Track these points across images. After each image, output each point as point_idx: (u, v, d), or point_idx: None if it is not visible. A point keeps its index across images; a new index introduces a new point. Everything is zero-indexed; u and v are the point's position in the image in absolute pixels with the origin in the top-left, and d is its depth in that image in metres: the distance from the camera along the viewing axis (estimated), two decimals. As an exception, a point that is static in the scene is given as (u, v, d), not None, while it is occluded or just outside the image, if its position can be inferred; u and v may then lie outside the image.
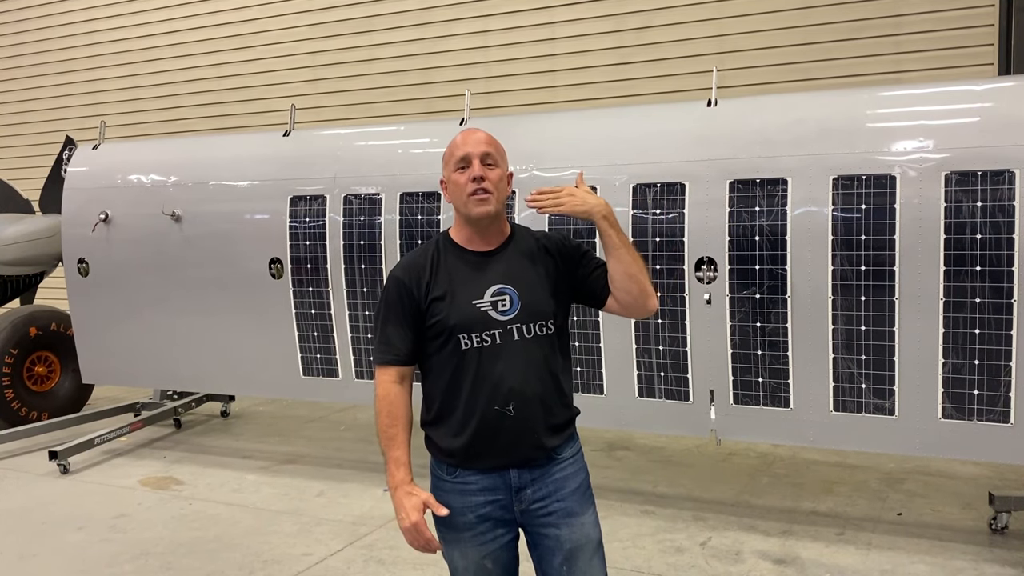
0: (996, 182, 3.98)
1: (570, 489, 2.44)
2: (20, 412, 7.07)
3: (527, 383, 2.35)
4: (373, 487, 5.55)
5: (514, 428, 2.35)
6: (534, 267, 2.43)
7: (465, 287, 2.38)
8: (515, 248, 2.46)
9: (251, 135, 7.11)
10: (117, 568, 4.48)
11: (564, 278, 2.46)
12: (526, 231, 2.54)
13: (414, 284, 2.40)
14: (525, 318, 2.37)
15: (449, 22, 8.57)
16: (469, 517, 2.40)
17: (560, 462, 2.44)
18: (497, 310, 2.36)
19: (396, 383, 2.42)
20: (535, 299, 2.39)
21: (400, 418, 2.39)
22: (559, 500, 2.41)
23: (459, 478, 2.41)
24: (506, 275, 2.39)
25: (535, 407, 2.37)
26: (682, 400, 4.68)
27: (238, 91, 9.76)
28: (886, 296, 4.20)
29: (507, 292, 2.37)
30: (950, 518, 4.81)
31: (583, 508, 2.45)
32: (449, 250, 2.45)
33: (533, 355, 2.38)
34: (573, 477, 2.46)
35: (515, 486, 2.39)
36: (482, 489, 2.39)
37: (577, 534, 2.42)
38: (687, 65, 7.51)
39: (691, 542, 4.57)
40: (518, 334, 2.36)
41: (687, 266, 4.55)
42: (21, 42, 11.26)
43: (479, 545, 2.42)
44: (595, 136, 4.96)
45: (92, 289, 6.41)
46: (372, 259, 5.37)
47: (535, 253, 2.46)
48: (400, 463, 2.36)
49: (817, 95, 5.03)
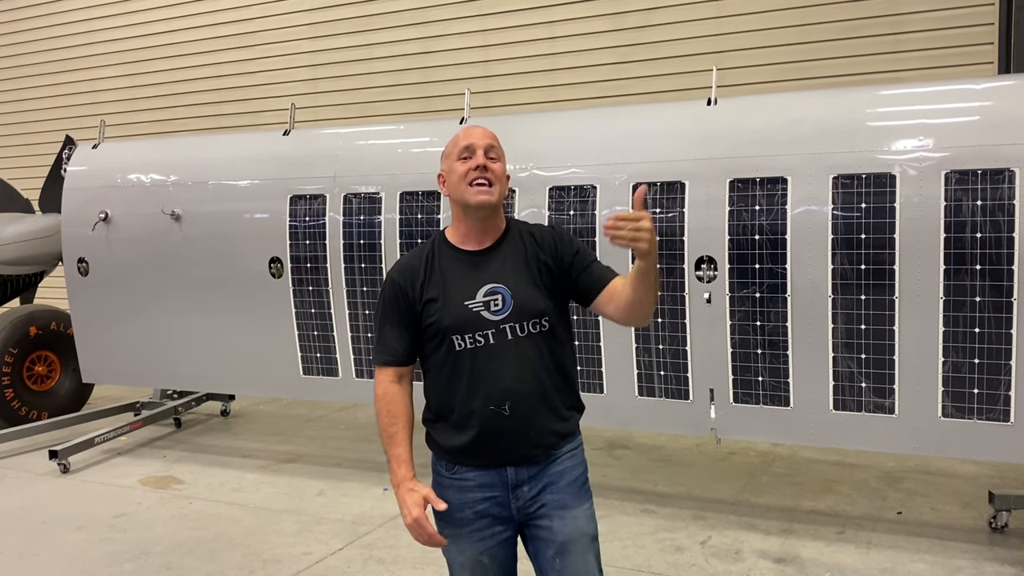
0: (996, 181, 3.98)
1: (565, 482, 2.43)
2: (20, 411, 7.07)
3: (523, 382, 2.35)
4: (373, 486, 5.55)
5: (511, 427, 2.35)
6: (527, 264, 2.41)
7: (458, 288, 2.38)
8: (509, 246, 2.45)
9: (251, 134, 7.10)
10: (117, 567, 4.48)
11: (559, 275, 2.44)
12: (521, 226, 2.52)
13: (409, 286, 2.42)
14: (518, 317, 2.35)
15: (448, 21, 8.57)
16: (467, 513, 2.42)
17: (557, 457, 2.44)
18: (489, 310, 2.35)
19: (394, 382, 2.44)
20: (528, 297, 2.37)
21: (399, 416, 2.41)
22: (552, 492, 2.41)
23: (457, 474, 2.43)
24: (499, 274, 2.39)
25: (532, 406, 2.36)
26: (682, 399, 4.69)
27: (237, 90, 9.75)
28: (886, 295, 4.20)
29: (499, 291, 2.36)
30: (950, 517, 4.81)
31: (576, 501, 2.44)
32: (444, 250, 2.46)
33: (528, 354, 2.36)
34: (569, 471, 2.45)
35: (512, 483, 2.40)
36: (479, 486, 2.41)
37: (570, 527, 2.41)
38: (686, 64, 7.51)
39: (691, 541, 4.57)
40: (511, 333, 2.35)
41: (687, 265, 4.55)
42: (20, 41, 11.25)
43: (476, 541, 2.43)
44: (594, 135, 4.96)
45: (92, 288, 6.40)
46: (372, 258, 5.37)
47: (529, 249, 2.44)
48: (401, 460, 2.38)
49: (817, 94, 5.02)
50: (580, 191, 4.80)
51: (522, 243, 2.45)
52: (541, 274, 2.42)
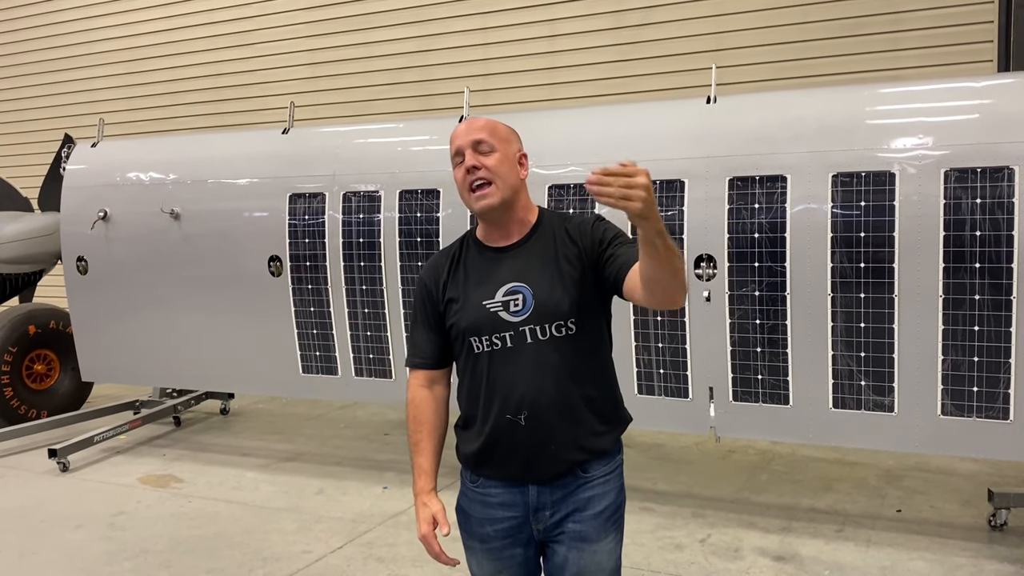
0: (995, 179, 3.98)
1: (591, 512, 2.23)
2: (19, 410, 7.07)
3: (542, 390, 2.16)
4: (372, 485, 5.55)
5: (529, 440, 2.18)
6: (555, 261, 2.20)
7: (479, 287, 2.24)
8: (538, 241, 2.25)
9: (250, 133, 7.10)
10: (117, 566, 4.48)
11: (590, 270, 2.20)
12: (555, 217, 2.31)
13: (433, 285, 2.32)
14: (539, 319, 2.17)
15: (448, 19, 8.56)
16: (488, 529, 2.29)
17: (587, 481, 2.24)
18: (509, 311, 2.18)
19: (424, 387, 2.35)
20: (551, 298, 2.17)
21: (425, 424, 2.32)
22: (575, 522, 2.23)
23: (481, 487, 2.30)
24: (521, 272, 2.20)
25: (552, 417, 2.17)
26: (681, 397, 4.68)
27: (236, 89, 9.74)
28: (885, 293, 4.20)
29: (521, 291, 2.18)
30: (949, 515, 4.81)
31: (600, 535, 2.24)
32: (471, 248, 2.32)
33: (549, 359, 2.17)
34: (599, 499, 2.24)
35: (533, 505, 2.24)
36: (501, 504, 2.27)
37: (587, 561, 2.23)
38: (685, 62, 7.50)
39: (690, 539, 4.57)
40: (531, 336, 2.17)
41: (686, 263, 4.55)
42: (19, 39, 11.23)
43: (496, 559, 2.31)
44: (594, 133, 4.95)
45: (91, 287, 6.40)
46: (371, 257, 5.36)
47: (559, 244, 2.22)
48: (422, 471, 2.30)
49: (816, 92, 5.01)
50: (580, 190, 4.80)
51: (553, 239, 2.24)
52: (572, 273, 2.20)
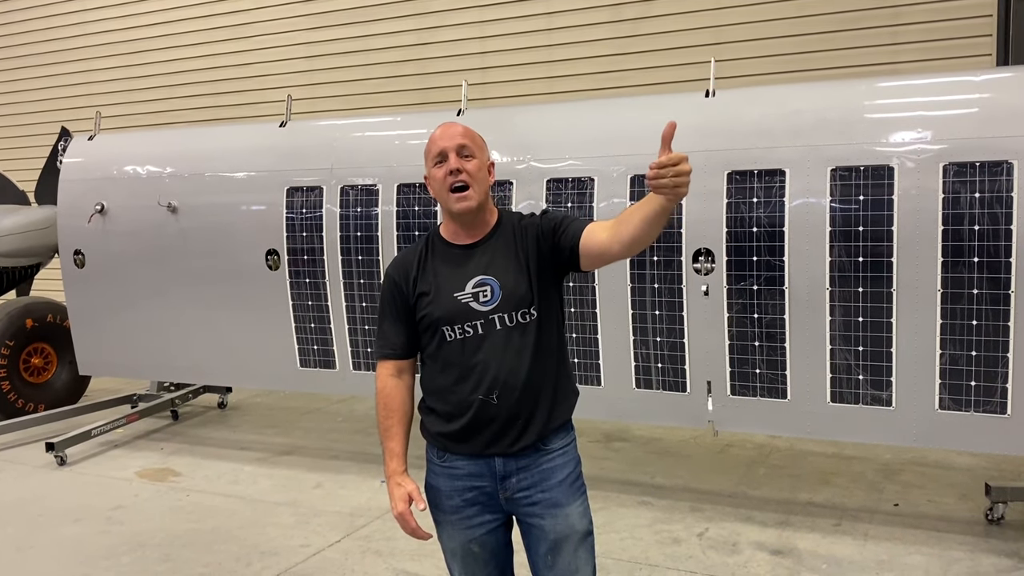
0: (994, 173, 3.97)
1: (556, 480, 2.46)
2: (17, 404, 7.07)
3: (512, 372, 2.39)
4: (370, 478, 5.55)
5: (499, 416, 2.39)
6: (516, 255, 2.45)
7: (449, 281, 2.45)
8: (499, 237, 2.49)
9: (247, 126, 7.08)
10: (114, 560, 4.48)
11: (547, 257, 2.45)
12: (514, 218, 2.56)
13: (403, 280, 2.51)
14: (506, 307, 2.40)
15: (445, 12, 8.53)
16: (456, 500, 2.48)
17: (548, 453, 2.47)
18: (479, 301, 2.41)
19: (394, 376, 2.54)
20: (516, 288, 2.41)
21: (395, 411, 2.51)
22: (544, 491, 2.45)
23: (447, 462, 2.49)
24: (488, 266, 2.44)
25: (520, 395, 2.39)
26: (679, 391, 4.68)
27: (233, 82, 9.70)
28: (883, 287, 4.19)
29: (488, 283, 2.42)
30: (947, 509, 4.82)
31: (568, 499, 2.47)
32: (437, 245, 2.53)
33: (516, 343, 2.40)
34: (561, 468, 2.48)
35: (500, 474, 2.44)
36: (468, 474, 2.46)
37: (561, 525, 2.45)
38: (684, 56, 7.48)
39: (688, 533, 4.58)
40: (500, 323, 2.40)
41: (684, 257, 4.54)
42: (16, 32, 11.19)
43: (465, 529, 2.49)
44: (592, 127, 4.94)
45: (88, 280, 6.38)
46: (369, 250, 5.35)
47: (518, 240, 2.48)
48: (393, 454, 2.50)
49: (815, 86, 5.01)
50: (577, 183, 4.79)
51: (513, 235, 2.49)
52: (531, 264, 2.44)
